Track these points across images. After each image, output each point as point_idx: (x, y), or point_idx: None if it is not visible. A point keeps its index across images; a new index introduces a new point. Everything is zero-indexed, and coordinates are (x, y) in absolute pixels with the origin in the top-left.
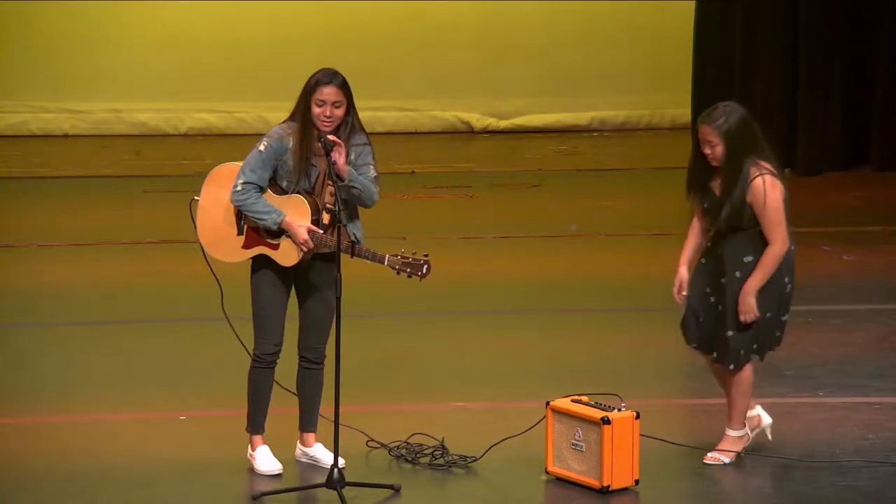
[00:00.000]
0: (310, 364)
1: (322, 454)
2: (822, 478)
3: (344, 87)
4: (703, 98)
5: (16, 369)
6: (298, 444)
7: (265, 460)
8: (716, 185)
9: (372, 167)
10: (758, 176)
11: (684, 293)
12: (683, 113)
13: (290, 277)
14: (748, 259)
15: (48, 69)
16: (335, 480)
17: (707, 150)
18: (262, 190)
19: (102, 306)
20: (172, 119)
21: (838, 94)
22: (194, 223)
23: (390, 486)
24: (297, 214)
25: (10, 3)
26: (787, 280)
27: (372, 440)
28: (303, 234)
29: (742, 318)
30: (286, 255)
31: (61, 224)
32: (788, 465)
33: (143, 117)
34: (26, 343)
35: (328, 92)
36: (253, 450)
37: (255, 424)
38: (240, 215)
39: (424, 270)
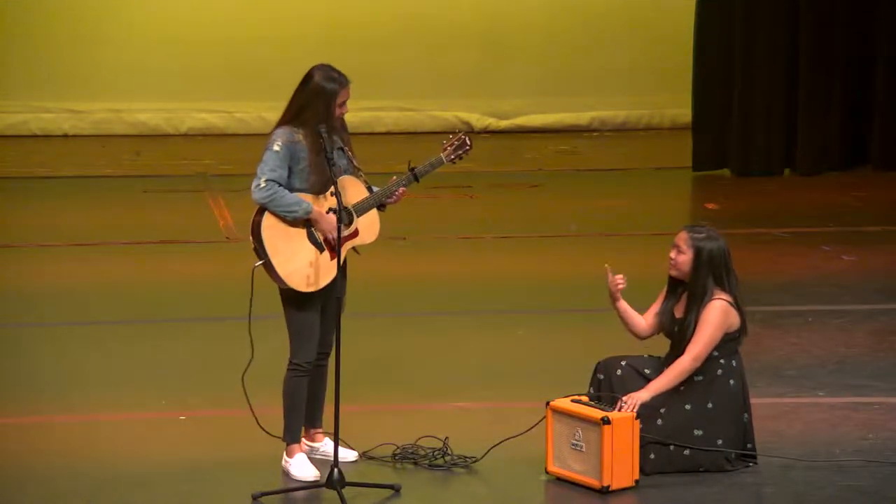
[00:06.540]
0: (321, 359)
1: (331, 448)
2: (822, 478)
3: None
4: (704, 98)
5: (16, 369)
6: (305, 441)
7: (302, 467)
8: (678, 307)
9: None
10: (718, 299)
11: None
12: (683, 113)
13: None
14: (698, 378)
15: (48, 69)
16: (335, 480)
17: (672, 254)
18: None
19: (102, 306)
20: (172, 119)
21: (838, 93)
22: (252, 288)
23: (390, 486)
24: (354, 192)
25: (9, 2)
26: (745, 416)
27: (368, 451)
28: (332, 222)
29: (622, 404)
30: (368, 231)
31: (61, 224)
32: (788, 465)
33: (143, 117)
34: (26, 343)
35: (347, 93)
36: (290, 457)
37: (294, 433)
38: (311, 236)
39: (469, 144)
